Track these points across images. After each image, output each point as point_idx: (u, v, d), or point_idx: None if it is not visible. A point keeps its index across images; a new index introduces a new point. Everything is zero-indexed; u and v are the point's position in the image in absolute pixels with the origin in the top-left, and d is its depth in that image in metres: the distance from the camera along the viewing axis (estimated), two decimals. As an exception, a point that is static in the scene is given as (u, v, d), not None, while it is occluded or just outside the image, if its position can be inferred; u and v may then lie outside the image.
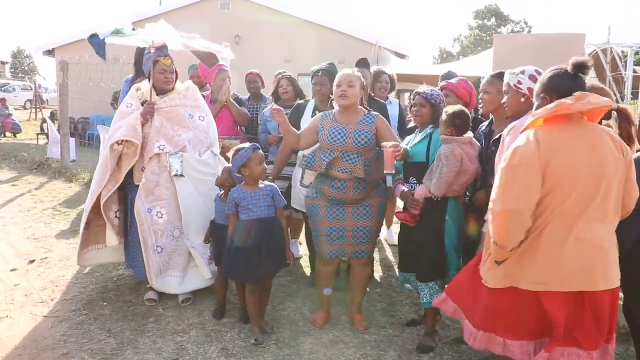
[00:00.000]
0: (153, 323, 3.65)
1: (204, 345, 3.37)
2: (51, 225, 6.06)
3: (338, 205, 3.50)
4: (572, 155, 2.29)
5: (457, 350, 3.42)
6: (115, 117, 3.98)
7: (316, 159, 3.50)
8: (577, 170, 2.28)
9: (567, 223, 2.31)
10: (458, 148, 3.13)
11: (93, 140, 12.84)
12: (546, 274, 2.36)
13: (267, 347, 3.36)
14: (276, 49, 12.97)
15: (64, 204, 7.14)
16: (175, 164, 3.80)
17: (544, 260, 2.36)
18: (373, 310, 3.97)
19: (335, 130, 3.45)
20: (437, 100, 3.43)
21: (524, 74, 2.90)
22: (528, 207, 2.31)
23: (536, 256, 2.37)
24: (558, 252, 2.32)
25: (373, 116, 3.51)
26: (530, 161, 2.29)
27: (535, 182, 2.29)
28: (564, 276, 2.34)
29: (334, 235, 3.52)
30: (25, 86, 28.02)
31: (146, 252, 3.81)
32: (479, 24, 44.41)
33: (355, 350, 3.38)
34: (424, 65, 15.78)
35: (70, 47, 13.32)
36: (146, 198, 3.81)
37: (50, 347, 3.33)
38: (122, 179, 3.82)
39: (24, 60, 54.93)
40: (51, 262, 4.85)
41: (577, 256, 2.32)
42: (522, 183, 2.30)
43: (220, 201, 3.71)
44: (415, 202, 3.28)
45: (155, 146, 3.79)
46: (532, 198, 2.30)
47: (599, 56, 5.64)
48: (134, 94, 4.00)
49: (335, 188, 3.45)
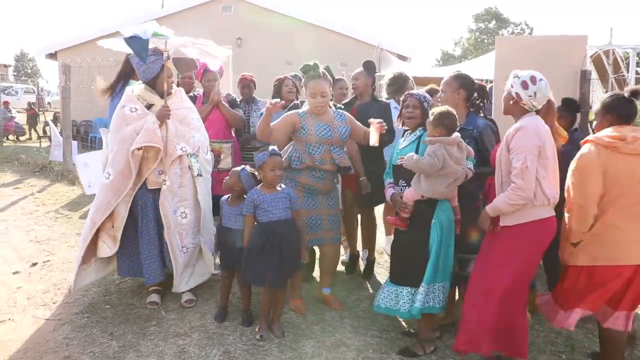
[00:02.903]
0: (155, 326, 3.65)
1: (205, 348, 3.37)
2: (53, 228, 6.07)
3: (313, 195, 3.80)
4: (619, 165, 2.91)
5: (459, 354, 3.40)
6: (118, 121, 3.84)
7: (304, 156, 3.71)
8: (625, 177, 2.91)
9: (623, 213, 2.91)
10: (441, 149, 3.13)
11: (95, 144, 12.82)
12: (617, 251, 2.92)
13: (269, 350, 3.36)
14: (278, 51, 12.97)
15: (66, 206, 7.15)
16: (195, 165, 3.93)
17: (613, 239, 2.92)
18: (376, 314, 3.94)
19: (321, 126, 3.75)
20: (429, 103, 3.46)
21: (518, 79, 2.99)
22: (594, 200, 2.91)
23: (605, 237, 2.94)
24: (620, 234, 2.90)
25: (341, 113, 3.94)
26: (593, 166, 2.91)
27: (598, 182, 2.91)
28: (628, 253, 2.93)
29: (314, 224, 3.83)
30: (28, 89, 28.07)
31: (174, 254, 3.85)
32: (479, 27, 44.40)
33: (357, 353, 3.37)
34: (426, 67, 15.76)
35: (72, 50, 13.33)
36: (172, 200, 3.83)
37: (53, 350, 3.33)
38: (140, 184, 3.79)
39: (27, 64, 55.11)
40: (53, 265, 4.86)
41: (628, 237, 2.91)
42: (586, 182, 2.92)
43: (227, 205, 3.71)
44: (404, 205, 3.29)
45: (178, 148, 3.84)
46: (597, 193, 2.91)
47: (601, 58, 5.63)
48: (133, 98, 3.90)
49: (315, 178, 3.76)
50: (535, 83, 2.92)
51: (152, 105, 3.91)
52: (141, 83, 3.99)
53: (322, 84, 3.75)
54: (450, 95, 3.54)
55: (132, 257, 3.96)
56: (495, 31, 42.18)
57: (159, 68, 3.88)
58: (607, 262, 2.93)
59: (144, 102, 3.91)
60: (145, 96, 3.93)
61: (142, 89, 3.95)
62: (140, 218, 3.84)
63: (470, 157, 3.29)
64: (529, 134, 2.87)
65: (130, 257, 3.97)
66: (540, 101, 2.96)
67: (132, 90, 3.98)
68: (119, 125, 3.83)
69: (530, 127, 2.90)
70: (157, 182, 3.82)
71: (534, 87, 2.92)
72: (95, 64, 8.14)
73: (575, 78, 5.36)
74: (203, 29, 9.54)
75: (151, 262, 3.85)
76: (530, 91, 2.92)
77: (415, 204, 3.27)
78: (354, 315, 3.93)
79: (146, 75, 3.90)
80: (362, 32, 14.12)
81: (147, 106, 3.89)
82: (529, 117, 2.97)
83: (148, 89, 3.94)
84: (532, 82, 2.93)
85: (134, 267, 3.99)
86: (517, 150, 2.87)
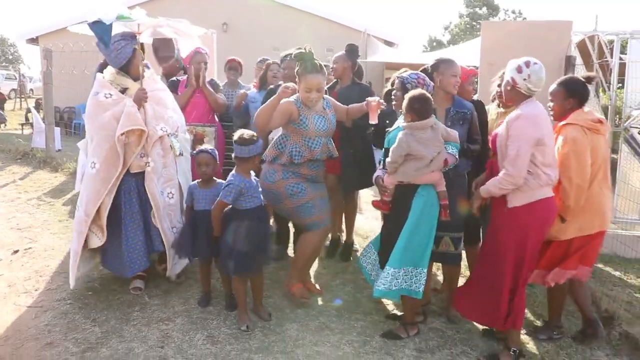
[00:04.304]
0: (138, 311, 3.63)
1: (189, 333, 3.36)
2: (35, 216, 6.00)
3: (313, 182, 3.76)
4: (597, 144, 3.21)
5: (443, 336, 3.44)
6: (93, 108, 3.75)
7: (304, 150, 3.61)
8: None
9: (601, 185, 3.24)
10: (408, 134, 3.13)
11: (79, 130, 12.70)
12: (597, 219, 3.25)
13: (253, 334, 3.36)
14: (264, 37, 12.87)
15: (49, 194, 7.06)
16: (176, 144, 3.91)
17: (597, 209, 3.25)
18: (360, 297, 3.98)
19: (318, 119, 3.67)
20: (413, 84, 3.41)
21: (513, 65, 3.08)
22: (588, 178, 3.16)
23: (591, 209, 3.22)
24: (599, 204, 3.23)
25: (327, 99, 3.83)
26: (585, 147, 3.12)
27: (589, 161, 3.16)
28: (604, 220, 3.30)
29: (324, 206, 3.81)
30: (9, 75, 27.56)
31: (165, 237, 3.81)
32: (470, 12, 44.26)
33: (341, 336, 3.39)
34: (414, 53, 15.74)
35: (54, 35, 13.10)
36: (158, 181, 3.81)
37: (34, 337, 3.30)
38: (125, 170, 3.72)
39: (7, 49, 54.10)
40: (35, 252, 4.80)
41: (607, 205, 3.30)
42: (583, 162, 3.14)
43: (200, 188, 3.67)
44: (384, 189, 3.29)
45: (158, 129, 3.82)
46: (589, 172, 3.17)
47: (586, 44, 5.64)
48: (106, 83, 3.82)
49: (314, 168, 3.72)
50: (529, 66, 3.00)
51: (126, 89, 3.85)
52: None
53: (320, 79, 3.60)
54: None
55: (114, 250, 3.81)
56: (485, 17, 42.05)
57: (131, 52, 3.81)
58: (589, 231, 3.24)
59: (118, 86, 3.84)
60: (118, 80, 3.86)
61: (114, 74, 3.88)
62: (123, 204, 3.77)
63: (453, 142, 3.27)
64: (528, 124, 2.94)
65: (113, 250, 3.82)
66: (535, 84, 3.01)
67: (103, 76, 3.90)
68: (95, 113, 3.75)
69: (530, 116, 2.96)
70: (140, 166, 3.77)
71: (528, 69, 2.99)
72: (77, 48, 8.00)
73: (560, 64, 5.37)
74: (188, 14, 9.40)
75: (136, 247, 3.77)
76: (524, 74, 3.00)
77: (396, 188, 3.27)
78: (337, 298, 3.94)
79: (119, 61, 3.82)
80: (349, 18, 14.09)
81: (120, 91, 3.83)
82: (529, 104, 3.03)
83: (120, 73, 3.87)
84: (526, 65, 3.02)
85: (115, 261, 3.83)
86: (514, 138, 2.95)
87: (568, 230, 3.22)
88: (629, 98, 5.23)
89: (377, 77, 13.77)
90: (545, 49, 5.27)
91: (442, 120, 3.42)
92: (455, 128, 3.39)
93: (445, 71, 3.49)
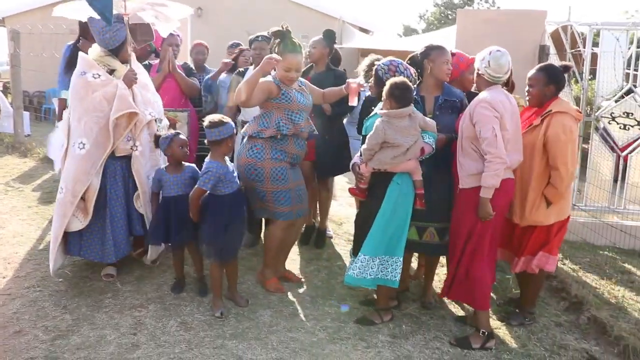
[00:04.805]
0: (110, 298, 3.58)
1: (162, 320, 3.33)
2: (4, 202, 5.84)
3: (294, 167, 3.73)
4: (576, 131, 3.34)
5: (417, 322, 3.48)
6: (81, 89, 3.62)
7: (288, 123, 3.58)
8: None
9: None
10: (385, 122, 3.14)
11: (49, 115, 12.39)
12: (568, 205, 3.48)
13: (227, 320, 3.35)
14: (238, 22, 12.66)
15: (17, 179, 6.88)
16: (162, 129, 3.91)
17: (569, 195, 3.55)
18: (334, 284, 3.99)
19: (299, 94, 3.67)
20: (384, 70, 3.37)
21: (480, 53, 3.22)
22: (576, 166, 3.34)
23: (567, 194, 3.44)
24: (570, 190, 3.50)
25: (301, 80, 3.83)
26: (577, 136, 3.31)
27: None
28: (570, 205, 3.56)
29: (302, 195, 3.76)
30: (-24, 58, 26.72)
31: (148, 221, 3.78)
32: (445, 1, 44.40)
33: (316, 322, 3.40)
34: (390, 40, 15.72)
35: (22, 17, 12.69)
36: (145, 165, 3.78)
37: (2, 325, 3.22)
38: (111, 151, 3.64)
39: (-26, 31, 52.43)
40: (4, 239, 4.68)
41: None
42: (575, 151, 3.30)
43: (169, 174, 3.60)
44: (360, 176, 3.29)
45: (147, 113, 3.79)
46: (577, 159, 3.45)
47: (560, 34, 5.71)
48: (94, 63, 3.70)
49: (299, 146, 3.70)
50: (490, 54, 3.12)
51: (113, 71, 3.76)
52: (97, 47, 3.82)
53: (299, 59, 3.60)
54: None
55: (95, 235, 3.71)
56: (460, 6, 42.26)
57: (124, 37, 3.75)
58: (564, 215, 3.40)
59: (105, 67, 3.75)
60: (106, 61, 3.77)
61: (100, 54, 3.78)
62: (108, 187, 3.70)
63: (431, 132, 3.24)
64: (486, 106, 3.03)
65: (92, 236, 3.71)
66: (495, 70, 3.09)
67: (87, 55, 3.79)
68: (84, 93, 3.62)
69: (487, 99, 3.05)
70: (125, 149, 3.71)
71: (489, 57, 3.11)
72: (46, 30, 7.78)
73: (534, 53, 5.45)
74: (161, -3, 9.22)
75: (121, 232, 3.72)
76: (485, 61, 3.12)
77: (372, 175, 3.27)
78: (311, 285, 3.95)
79: (113, 43, 3.74)
80: (323, 4, 13.94)
81: (108, 72, 3.74)
82: (490, 90, 3.12)
83: (108, 53, 3.78)
84: (488, 53, 3.13)
85: (94, 247, 3.72)
86: (483, 122, 3.01)
87: (551, 215, 3.33)
88: (600, 88, 5.32)
89: (352, 63, 13.71)
90: (519, 38, 5.33)
91: (430, 108, 3.40)
92: (444, 117, 3.36)
93: (437, 58, 3.37)
